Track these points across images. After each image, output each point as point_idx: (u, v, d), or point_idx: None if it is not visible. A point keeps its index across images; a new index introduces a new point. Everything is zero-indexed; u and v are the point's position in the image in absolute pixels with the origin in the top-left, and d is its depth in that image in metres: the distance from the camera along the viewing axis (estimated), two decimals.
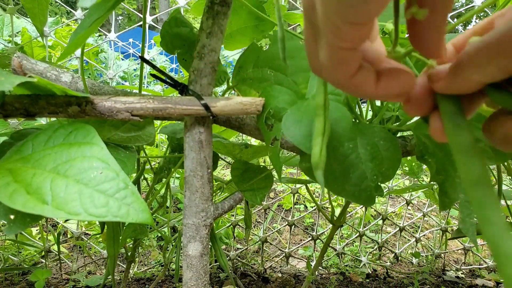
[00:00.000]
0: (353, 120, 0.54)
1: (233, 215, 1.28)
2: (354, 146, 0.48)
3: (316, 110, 0.34)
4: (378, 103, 0.64)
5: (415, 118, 0.61)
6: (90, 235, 1.26)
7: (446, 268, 1.33)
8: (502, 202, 0.93)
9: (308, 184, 0.92)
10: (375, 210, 1.40)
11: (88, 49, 1.22)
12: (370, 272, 1.25)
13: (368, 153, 0.47)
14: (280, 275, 1.20)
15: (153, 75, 0.53)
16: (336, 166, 0.46)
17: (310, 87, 0.49)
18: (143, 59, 0.55)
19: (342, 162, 0.47)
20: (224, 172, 2.18)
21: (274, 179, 0.68)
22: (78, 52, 1.02)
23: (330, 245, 1.23)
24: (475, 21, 1.25)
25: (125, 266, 0.99)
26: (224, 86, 0.61)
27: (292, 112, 0.45)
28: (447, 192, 0.49)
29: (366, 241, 1.51)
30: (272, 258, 1.33)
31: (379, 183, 0.46)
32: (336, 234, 1.38)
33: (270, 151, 0.49)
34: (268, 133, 0.49)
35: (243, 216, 1.15)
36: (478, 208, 0.19)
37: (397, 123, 0.60)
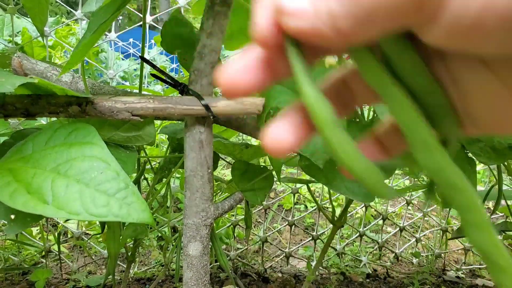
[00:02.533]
0: (353, 119, 0.54)
1: (233, 215, 1.28)
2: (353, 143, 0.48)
3: None
4: None
5: None
6: (90, 235, 1.26)
7: (446, 268, 1.33)
8: (503, 202, 0.93)
9: (308, 184, 0.92)
10: (375, 210, 1.40)
11: None
12: (371, 272, 1.25)
13: None
14: (280, 275, 1.20)
15: (154, 75, 0.53)
16: (335, 163, 0.47)
17: None
18: (144, 59, 0.55)
19: None
20: (224, 172, 2.18)
21: (275, 179, 0.68)
22: None
23: (330, 245, 1.23)
24: None
25: (125, 266, 0.99)
26: None
27: None
28: None
29: (366, 241, 1.51)
30: (273, 258, 1.33)
31: None
32: (336, 234, 1.38)
33: None
34: None
35: (243, 216, 1.15)
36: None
37: None
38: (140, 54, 0.58)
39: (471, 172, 0.51)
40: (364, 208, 1.39)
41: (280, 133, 0.19)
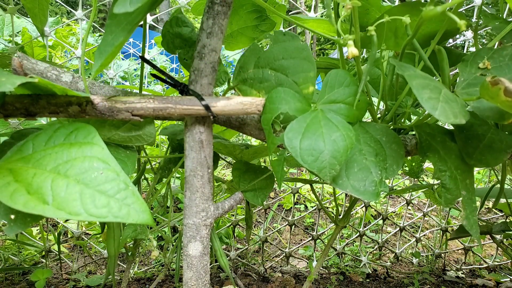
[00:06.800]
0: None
1: (233, 215, 1.28)
2: (357, 142, 0.49)
3: None
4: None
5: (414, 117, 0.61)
6: (90, 235, 1.27)
7: (446, 268, 1.33)
8: (503, 200, 0.93)
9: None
10: (375, 210, 1.40)
11: (89, 49, 1.22)
12: (370, 272, 1.25)
13: (371, 149, 0.48)
14: (280, 275, 1.20)
15: (154, 75, 0.53)
16: None
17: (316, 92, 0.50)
18: (144, 59, 0.55)
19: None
20: (224, 172, 2.18)
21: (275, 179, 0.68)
22: (78, 52, 1.02)
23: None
24: (475, 20, 1.25)
25: (125, 266, 0.99)
26: (225, 86, 0.61)
27: (297, 123, 0.44)
28: (449, 188, 0.49)
29: (367, 241, 1.51)
30: (273, 258, 1.33)
31: (383, 179, 0.47)
32: None
33: (271, 149, 0.49)
34: (274, 138, 0.48)
35: (243, 216, 1.15)
36: None
37: (400, 122, 0.60)
38: (140, 54, 0.58)
39: (470, 182, 0.51)
40: (364, 208, 1.39)
41: None
